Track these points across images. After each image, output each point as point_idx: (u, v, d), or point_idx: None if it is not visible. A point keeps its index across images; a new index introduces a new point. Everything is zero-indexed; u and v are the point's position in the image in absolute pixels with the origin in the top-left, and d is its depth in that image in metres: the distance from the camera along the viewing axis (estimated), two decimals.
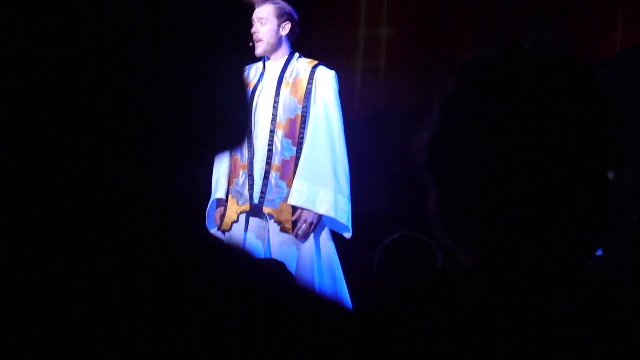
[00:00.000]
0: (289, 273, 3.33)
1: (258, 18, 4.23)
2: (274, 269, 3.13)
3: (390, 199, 6.74)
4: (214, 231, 4.29)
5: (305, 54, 4.43)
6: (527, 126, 0.98)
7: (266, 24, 4.24)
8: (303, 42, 5.11)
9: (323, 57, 6.37)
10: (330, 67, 4.37)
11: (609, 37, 7.56)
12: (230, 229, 4.27)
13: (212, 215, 4.36)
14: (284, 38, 4.29)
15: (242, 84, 0.73)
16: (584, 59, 1.02)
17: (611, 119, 1.00)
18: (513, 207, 0.99)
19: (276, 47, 4.28)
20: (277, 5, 4.28)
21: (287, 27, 4.27)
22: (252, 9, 4.26)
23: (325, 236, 4.24)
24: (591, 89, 1.01)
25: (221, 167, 4.34)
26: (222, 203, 4.34)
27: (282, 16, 4.27)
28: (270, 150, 4.21)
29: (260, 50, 4.25)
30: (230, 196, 4.30)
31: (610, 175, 1.00)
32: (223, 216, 4.29)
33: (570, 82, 1.00)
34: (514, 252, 1.00)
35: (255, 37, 4.24)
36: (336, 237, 4.30)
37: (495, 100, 1.00)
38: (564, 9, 7.69)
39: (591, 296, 1.00)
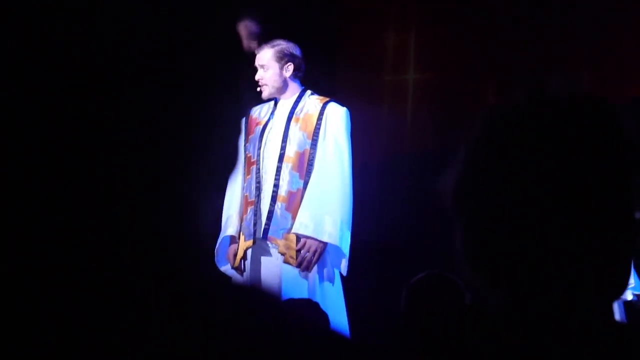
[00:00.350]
0: (323, 314, 3.26)
1: (259, 65, 4.26)
2: (307, 310, 3.11)
3: (416, 235, 6.79)
4: (224, 268, 4.27)
5: (331, 97, 4.44)
6: (552, 168, 0.98)
7: (268, 69, 4.27)
8: (328, 85, 5.23)
9: (348, 99, 6.46)
10: (342, 104, 4.36)
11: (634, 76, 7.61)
12: (241, 265, 4.26)
13: (221, 253, 4.33)
14: (288, 79, 4.31)
15: (236, 126, 0.76)
16: (608, 101, 1.02)
17: (635, 161, 1.01)
18: (539, 249, 0.99)
19: (282, 89, 4.31)
20: (276, 48, 4.28)
21: (289, 68, 4.29)
22: (253, 56, 4.25)
23: (329, 267, 4.20)
24: (615, 131, 1.00)
25: (232, 204, 4.33)
26: (235, 240, 4.32)
27: (282, 58, 4.27)
28: (276, 184, 4.21)
29: (265, 94, 4.30)
30: (241, 233, 4.29)
31: (637, 216, 1.01)
32: (236, 254, 4.28)
33: (594, 124, 1.00)
34: (541, 294, 1.00)
35: (259, 83, 4.28)
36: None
37: (520, 142, 1.00)
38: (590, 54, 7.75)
39: (612, 345, 0.99)
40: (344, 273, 4.23)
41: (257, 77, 4.26)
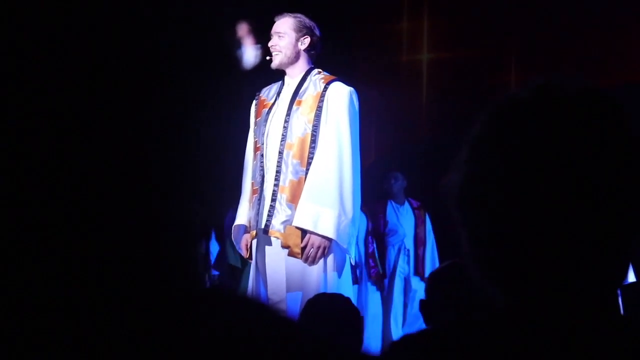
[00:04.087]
0: (354, 310, 3.01)
1: (276, 32, 3.98)
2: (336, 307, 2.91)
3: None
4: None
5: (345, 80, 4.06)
6: (556, 164, 0.96)
7: (283, 37, 3.96)
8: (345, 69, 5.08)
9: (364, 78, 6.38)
10: (348, 84, 3.99)
11: None
12: (252, 257, 4.00)
13: (238, 241, 4.09)
14: (302, 52, 3.99)
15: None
16: (614, 97, 1.00)
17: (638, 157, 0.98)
18: (543, 247, 0.97)
19: (293, 60, 3.98)
20: (296, 19, 3.99)
21: (305, 42, 3.98)
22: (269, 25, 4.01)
23: (335, 261, 3.88)
24: (622, 128, 0.99)
25: (244, 191, 4.08)
26: (247, 229, 4.04)
27: (300, 30, 3.98)
28: (278, 172, 3.88)
29: (276, 61, 3.97)
30: (249, 222, 4.02)
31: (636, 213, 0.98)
32: (247, 244, 4.01)
33: (599, 121, 0.98)
34: (546, 291, 0.99)
35: (272, 50, 3.98)
36: None
37: (524, 139, 0.98)
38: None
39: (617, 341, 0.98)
40: (352, 262, 3.96)
41: (271, 44, 3.96)
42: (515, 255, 0.99)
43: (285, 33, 3.97)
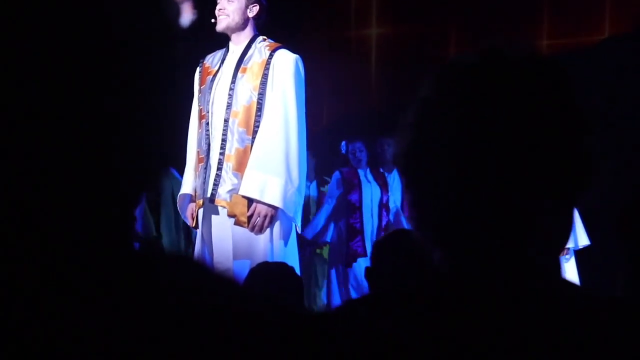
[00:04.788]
0: (297, 278, 3.04)
1: None
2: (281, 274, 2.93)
3: None
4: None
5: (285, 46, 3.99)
6: (499, 129, 0.97)
7: (233, 2, 3.89)
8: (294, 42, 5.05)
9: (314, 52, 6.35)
10: (294, 51, 3.93)
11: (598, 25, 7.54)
12: (198, 225, 3.94)
13: (183, 210, 4.03)
14: (250, 20, 3.93)
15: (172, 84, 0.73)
16: (556, 61, 1.01)
17: (582, 121, 0.99)
18: (485, 210, 0.98)
19: (240, 26, 3.91)
20: None
21: (254, 9, 3.92)
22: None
23: (281, 229, 3.85)
24: (564, 92, 1.00)
25: (188, 160, 4.01)
26: (193, 198, 3.98)
27: None
28: (224, 140, 3.83)
29: (222, 25, 3.90)
30: (195, 191, 3.97)
31: (574, 176, 1.00)
32: (193, 213, 3.96)
33: (544, 85, 0.99)
34: (487, 254, 1.00)
35: (219, 13, 3.90)
36: None
37: (469, 103, 0.99)
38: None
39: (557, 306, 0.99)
40: (299, 230, 3.92)
41: (219, 7, 3.88)
42: (458, 218, 0.99)
43: None
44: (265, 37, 3.98)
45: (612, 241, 1.77)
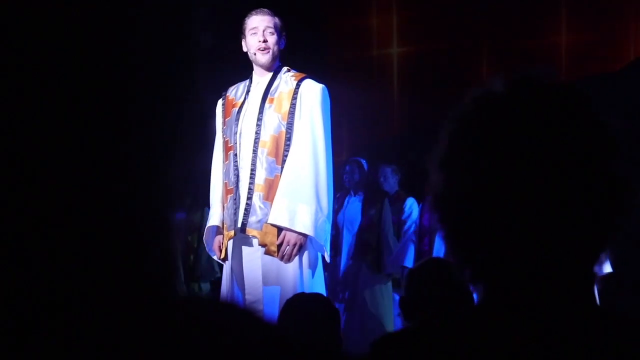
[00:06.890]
0: (334, 309, 2.96)
1: (267, 27, 3.87)
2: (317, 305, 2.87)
3: None
4: (216, 258, 3.97)
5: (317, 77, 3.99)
6: (533, 158, 0.97)
7: (274, 34, 3.88)
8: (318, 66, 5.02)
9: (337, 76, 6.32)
10: (319, 81, 3.93)
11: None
12: (227, 258, 3.89)
13: (210, 243, 3.99)
14: (279, 52, 3.94)
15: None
16: (584, 90, 1.02)
17: (610, 146, 1.00)
18: (522, 242, 0.98)
19: (275, 60, 3.93)
20: (277, 19, 3.92)
21: (282, 43, 3.94)
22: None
23: (309, 257, 3.81)
24: (591, 119, 1.00)
25: (214, 192, 4.00)
26: (220, 230, 3.95)
27: (282, 30, 3.93)
28: (253, 170, 3.81)
29: (267, 58, 3.87)
30: (224, 223, 3.93)
31: (610, 201, 0.99)
32: (220, 245, 3.92)
33: (571, 112, 1.00)
34: (523, 284, 1.00)
35: (265, 45, 3.87)
36: None
37: (500, 137, 0.99)
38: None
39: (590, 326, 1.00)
40: (328, 260, 3.87)
41: (260, 40, 3.84)
42: (498, 254, 0.99)
43: (275, 30, 3.89)
44: (289, 68, 3.97)
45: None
